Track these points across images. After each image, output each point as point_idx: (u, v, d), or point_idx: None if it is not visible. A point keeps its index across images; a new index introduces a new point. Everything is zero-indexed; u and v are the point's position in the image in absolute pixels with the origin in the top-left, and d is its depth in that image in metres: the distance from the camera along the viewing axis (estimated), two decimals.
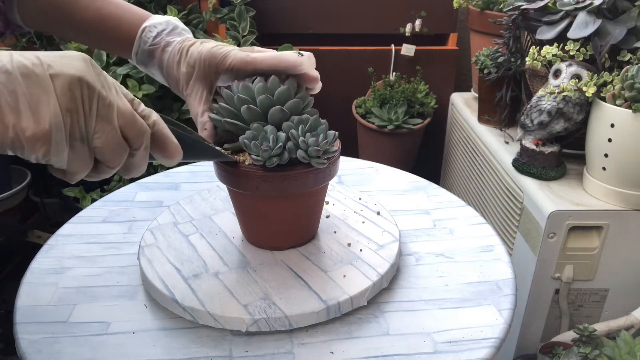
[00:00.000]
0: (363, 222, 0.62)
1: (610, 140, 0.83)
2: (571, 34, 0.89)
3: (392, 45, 1.69)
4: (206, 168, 0.83)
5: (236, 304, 0.49)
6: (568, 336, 0.92)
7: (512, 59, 1.11)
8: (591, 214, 0.89)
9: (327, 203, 0.66)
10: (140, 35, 0.55)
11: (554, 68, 0.92)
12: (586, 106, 0.90)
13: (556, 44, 0.91)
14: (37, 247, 0.61)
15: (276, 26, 1.68)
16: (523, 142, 0.99)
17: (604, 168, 0.87)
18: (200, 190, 0.71)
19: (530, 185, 0.96)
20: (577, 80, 0.87)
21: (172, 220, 0.63)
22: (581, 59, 0.90)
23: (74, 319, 0.50)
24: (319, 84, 0.53)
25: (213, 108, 0.52)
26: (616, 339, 0.80)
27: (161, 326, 0.49)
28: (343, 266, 0.54)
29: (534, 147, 0.97)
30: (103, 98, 0.34)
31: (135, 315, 0.51)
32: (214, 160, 0.50)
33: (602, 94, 0.85)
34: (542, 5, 0.96)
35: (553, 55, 0.91)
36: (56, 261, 0.59)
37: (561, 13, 0.93)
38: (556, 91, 0.89)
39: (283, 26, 1.69)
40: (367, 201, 0.67)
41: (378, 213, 0.64)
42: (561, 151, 0.98)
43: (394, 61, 1.70)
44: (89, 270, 0.57)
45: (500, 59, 1.15)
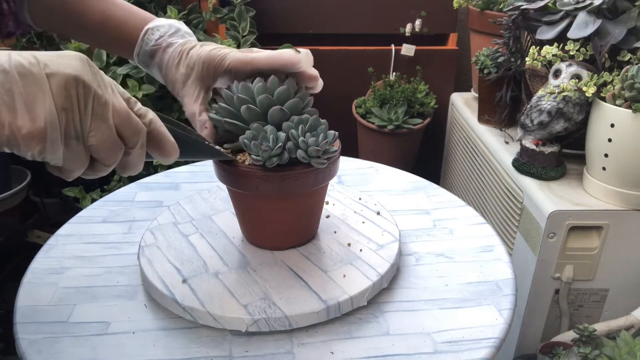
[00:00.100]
0: (363, 222, 0.62)
1: (610, 140, 0.83)
2: (571, 34, 0.89)
3: (392, 45, 1.69)
4: (206, 168, 0.83)
5: (236, 304, 0.49)
6: (568, 336, 0.92)
7: (512, 59, 1.11)
8: (591, 214, 0.89)
9: (327, 203, 0.66)
10: (142, 37, 0.56)
11: (554, 68, 0.92)
12: (586, 106, 0.90)
13: (556, 44, 0.91)
14: (37, 247, 0.61)
15: (276, 26, 1.68)
16: (523, 142, 0.99)
17: (604, 168, 0.87)
18: (200, 190, 0.71)
19: (530, 185, 0.96)
20: (577, 80, 0.87)
21: (172, 220, 0.63)
22: (581, 59, 0.90)
23: (74, 319, 0.50)
24: (320, 82, 0.53)
25: (213, 108, 0.52)
26: (616, 339, 0.80)
27: (161, 326, 0.49)
28: (343, 266, 0.54)
29: (534, 147, 0.97)
30: (99, 97, 0.35)
31: (135, 315, 0.51)
32: (213, 159, 0.50)
33: (602, 94, 0.85)
34: (542, 5, 0.96)
35: (553, 55, 0.91)
36: (56, 261, 0.59)
37: (561, 13, 0.93)
38: (556, 91, 0.89)
39: (283, 26, 1.69)
40: (367, 201, 0.67)
41: (378, 213, 0.64)
42: (561, 151, 0.98)
43: (394, 61, 1.70)
44: (89, 270, 0.57)
45: (500, 59, 1.15)
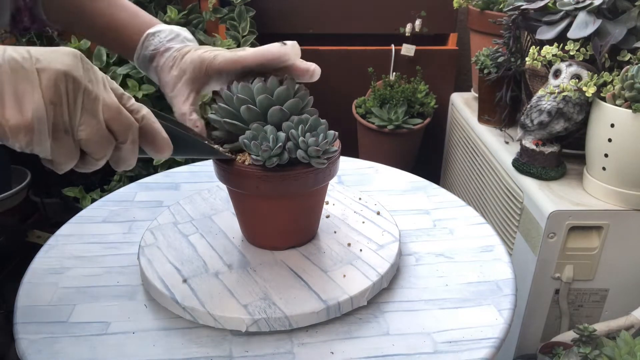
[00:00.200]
0: (363, 222, 0.62)
1: (610, 140, 0.83)
2: (571, 34, 0.89)
3: (392, 45, 1.68)
4: (206, 168, 0.83)
5: (236, 304, 0.49)
6: (568, 336, 0.92)
7: (512, 59, 1.11)
8: (591, 214, 0.89)
9: (327, 203, 0.66)
10: (142, 41, 0.57)
11: (554, 68, 0.91)
12: (586, 106, 0.90)
13: (556, 44, 0.91)
14: (37, 247, 0.61)
15: (276, 26, 1.68)
16: (523, 142, 0.99)
17: (604, 168, 0.87)
18: (200, 190, 0.71)
19: (530, 185, 0.96)
20: (577, 80, 0.87)
21: (172, 220, 0.63)
22: (581, 59, 0.90)
23: (74, 319, 0.50)
24: (315, 73, 0.53)
25: (212, 108, 0.52)
26: (616, 339, 0.80)
27: (161, 326, 0.49)
28: (343, 266, 0.54)
29: (534, 147, 0.97)
30: (89, 92, 0.35)
31: (135, 315, 0.51)
32: (211, 157, 0.50)
33: (602, 94, 0.85)
34: (542, 5, 0.96)
35: (553, 55, 0.91)
36: (56, 261, 0.59)
37: (561, 13, 0.93)
38: (556, 91, 0.89)
39: (283, 26, 1.69)
40: (367, 201, 0.67)
41: (378, 213, 0.64)
42: (561, 151, 0.98)
43: (394, 61, 1.70)
44: (89, 270, 0.57)
45: (500, 59, 1.15)
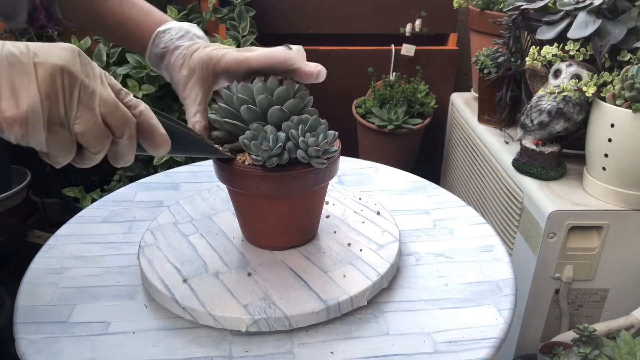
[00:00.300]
0: (363, 222, 0.62)
1: (610, 140, 0.83)
2: (571, 34, 0.89)
3: (392, 45, 1.68)
4: (206, 168, 0.83)
5: (236, 304, 0.49)
6: (568, 336, 0.92)
7: (512, 59, 1.11)
8: (591, 214, 0.89)
9: (327, 203, 0.66)
10: (153, 40, 0.57)
11: (554, 68, 0.91)
12: (586, 106, 0.90)
13: (556, 44, 0.91)
14: (37, 247, 0.61)
15: (276, 26, 1.68)
16: (523, 142, 0.99)
17: (604, 168, 0.87)
18: (200, 190, 0.71)
19: (530, 185, 0.96)
20: (577, 80, 0.87)
21: (172, 220, 0.63)
22: (581, 59, 0.90)
23: (74, 319, 0.50)
24: (322, 74, 0.53)
25: (213, 108, 0.52)
26: (616, 339, 0.80)
27: (161, 326, 0.49)
28: (343, 266, 0.54)
29: (534, 147, 0.97)
30: (85, 86, 0.36)
31: (135, 315, 0.51)
32: (210, 156, 0.50)
33: (602, 94, 0.85)
34: (542, 5, 0.96)
35: (553, 55, 0.91)
36: (56, 261, 0.59)
37: (561, 13, 0.93)
38: (556, 91, 0.89)
39: (283, 26, 1.69)
40: (367, 201, 0.67)
41: (378, 213, 0.64)
42: (561, 151, 0.98)
43: (394, 61, 1.70)
44: (89, 270, 0.57)
45: (500, 59, 1.15)
